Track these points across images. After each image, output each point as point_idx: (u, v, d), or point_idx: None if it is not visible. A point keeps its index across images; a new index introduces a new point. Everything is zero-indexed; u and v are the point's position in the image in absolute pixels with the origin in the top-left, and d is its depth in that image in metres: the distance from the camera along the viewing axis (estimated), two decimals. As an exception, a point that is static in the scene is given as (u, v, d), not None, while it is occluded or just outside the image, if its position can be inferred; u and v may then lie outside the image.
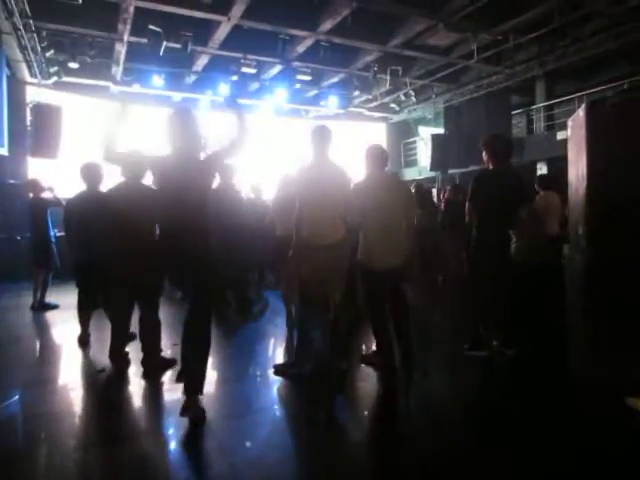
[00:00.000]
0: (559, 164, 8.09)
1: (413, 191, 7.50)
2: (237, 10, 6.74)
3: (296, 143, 10.48)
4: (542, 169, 10.22)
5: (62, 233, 4.87)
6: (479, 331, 3.93)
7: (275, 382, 3.43)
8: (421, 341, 4.20)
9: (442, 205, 7.34)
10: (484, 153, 4.00)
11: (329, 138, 3.52)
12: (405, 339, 3.71)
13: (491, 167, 3.96)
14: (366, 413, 3.09)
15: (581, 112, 3.27)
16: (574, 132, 3.53)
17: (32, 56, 7.51)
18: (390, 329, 3.68)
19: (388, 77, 9.38)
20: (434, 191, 8.56)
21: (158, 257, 2.91)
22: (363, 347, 4.32)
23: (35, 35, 7.05)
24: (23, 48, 7.14)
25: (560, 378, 3.48)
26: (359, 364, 3.82)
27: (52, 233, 5.96)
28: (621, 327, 3.14)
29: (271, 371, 3.58)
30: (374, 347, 3.82)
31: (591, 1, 6.51)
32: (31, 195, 5.97)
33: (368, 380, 3.58)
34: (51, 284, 6.00)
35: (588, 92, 9.41)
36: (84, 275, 4.31)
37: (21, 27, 6.46)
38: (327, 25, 7.41)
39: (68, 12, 6.85)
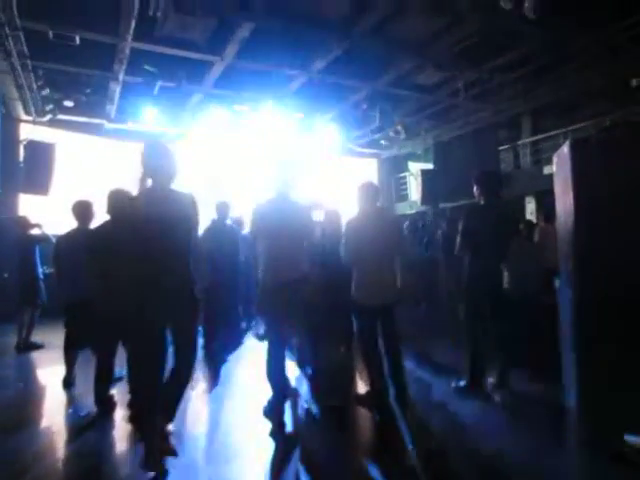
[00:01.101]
0: (547, 198, 8.23)
1: (405, 225, 7.63)
2: (230, 51, 6.91)
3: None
4: (531, 202, 10.37)
5: (51, 270, 4.81)
6: (474, 368, 3.88)
7: (265, 424, 3.33)
8: (416, 377, 4.14)
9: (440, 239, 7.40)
10: (475, 189, 4.07)
11: (293, 174, 3.52)
12: (398, 375, 3.65)
13: (482, 202, 4.03)
14: (359, 454, 3.01)
15: (565, 149, 3.35)
16: (559, 168, 3.61)
17: (28, 94, 7.61)
18: (383, 364, 3.63)
19: (378, 114, 9.59)
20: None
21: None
22: (358, 387, 4.24)
23: (32, 74, 7.16)
24: (19, 87, 7.24)
25: (557, 416, 3.42)
26: (354, 404, 3.74)
27: (40, 270, 5.90)
28: (614, 362, 3.11)
29: (260, 413, 3.48)
30: (368, 387, 3.76)
31: (573, 41, 6.75)
32: (19, 232, 5.94)
33: (361, 420, 3.49)
34: (37, 322, 5.88)
35: (572, 128, 9.67)
36: (73, 314, 4.23)
37: (18, 67, 6.57)
38: (319, 65, 7.60)
39: (65, 52, 6.97)
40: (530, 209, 10.36)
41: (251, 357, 5.33)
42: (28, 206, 8.29)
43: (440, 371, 4.64)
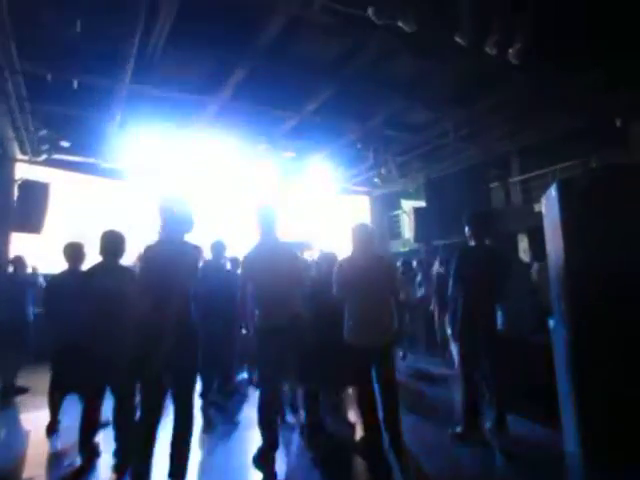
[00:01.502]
0: (539, 235, 8.30)
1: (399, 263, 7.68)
2: (225, 92, 7.07)
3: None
4: (523, 240, 10.45)
5: (40, 310, 4.74)
6: (470, 413, 3.80)
7: (256, 473, 3.21)
8: (411, 424, 4.04)
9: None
10: (466, 229, 4.10)
11: (274, 217, 3.56)
12: (393, 420, 3.57)
13: (474, 243, 4.04)
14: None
15: (553, 191, 3.41)
16: (548, 209, 3.67)
17: (25, 135, 7.67)
18: (377, 409, 3.55)
19: (371, 154, 9.77)
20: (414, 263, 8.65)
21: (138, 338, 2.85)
22: (352, 433, 4.12)
23: (29, 115, 7.25)
24: (16, 128, 7.31)
25: (557, 461, 3.33)
26: (348, 451, 3.63)
27: (30, 310, 5.80)
28: (612, 404, 3.07)
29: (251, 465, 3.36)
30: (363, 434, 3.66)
31: (557, 84, 6.96)
32: (11, 269, 5.88)
33: (355, 468, 3.39)
34: (23, 365, 5.72)
35: (560, 167, 9.90)
36: (60, 357, 4.12)
37: (16, 109, 6.66)
38: (311, 106, 7.78)
39: (63, 94, 7.09)
40: (523, 247, 10.43)
41: (246, 404, 5.20)
42: (19, 244, 8.23)
43: (437, 416, 4.54)
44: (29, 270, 5.90)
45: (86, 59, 6.06)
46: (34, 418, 4.53)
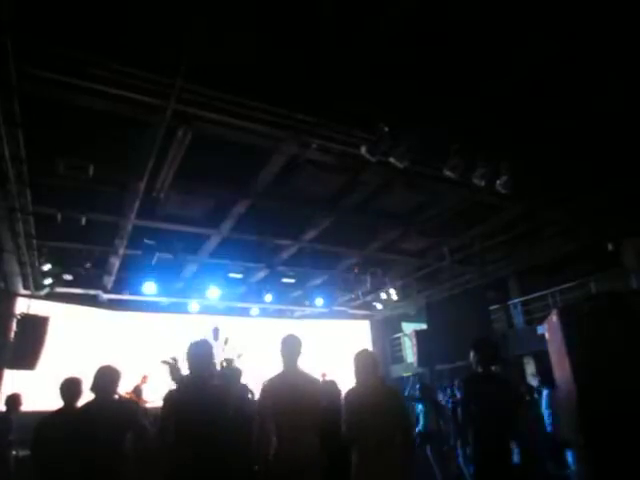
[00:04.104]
0: (545, 358, 8.04)
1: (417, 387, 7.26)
2: (226, 225, 7.36)
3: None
4: (529, 363, 10.11)
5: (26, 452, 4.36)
6: None
7: None
8: None
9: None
10: (471, 356, 3.97)
11: (299, 347, 3.45)
12: None
13: (480, 370, 3.90)
14: None
15: (554, 317, 3.40)
16: (552, 335, 3.62)
17: (29, 270, 7.79)
18: None
19: (368, 278, 9.89)
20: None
21: None
22: None
23: (35, 252, 7.43)
24: (22, 264, 7.45)
25: None
26: None
27: (12, 454, 5.37)
28: None
29: None
30: None
31: (545, 212, 7.27)
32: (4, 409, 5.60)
33: None
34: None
35: (558, 289, 9.97)
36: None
37: (24, 246, 6.85)
38: (310, 235, 8.05)
39: (69, 230, 7.30)
40: (530, 370, 10.05)
41: None
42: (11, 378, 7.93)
43: None
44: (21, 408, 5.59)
45: (95, 199, 6.39)
46: None
